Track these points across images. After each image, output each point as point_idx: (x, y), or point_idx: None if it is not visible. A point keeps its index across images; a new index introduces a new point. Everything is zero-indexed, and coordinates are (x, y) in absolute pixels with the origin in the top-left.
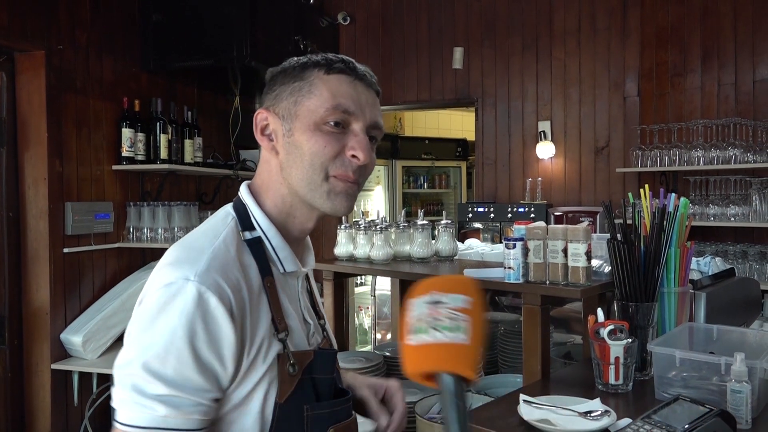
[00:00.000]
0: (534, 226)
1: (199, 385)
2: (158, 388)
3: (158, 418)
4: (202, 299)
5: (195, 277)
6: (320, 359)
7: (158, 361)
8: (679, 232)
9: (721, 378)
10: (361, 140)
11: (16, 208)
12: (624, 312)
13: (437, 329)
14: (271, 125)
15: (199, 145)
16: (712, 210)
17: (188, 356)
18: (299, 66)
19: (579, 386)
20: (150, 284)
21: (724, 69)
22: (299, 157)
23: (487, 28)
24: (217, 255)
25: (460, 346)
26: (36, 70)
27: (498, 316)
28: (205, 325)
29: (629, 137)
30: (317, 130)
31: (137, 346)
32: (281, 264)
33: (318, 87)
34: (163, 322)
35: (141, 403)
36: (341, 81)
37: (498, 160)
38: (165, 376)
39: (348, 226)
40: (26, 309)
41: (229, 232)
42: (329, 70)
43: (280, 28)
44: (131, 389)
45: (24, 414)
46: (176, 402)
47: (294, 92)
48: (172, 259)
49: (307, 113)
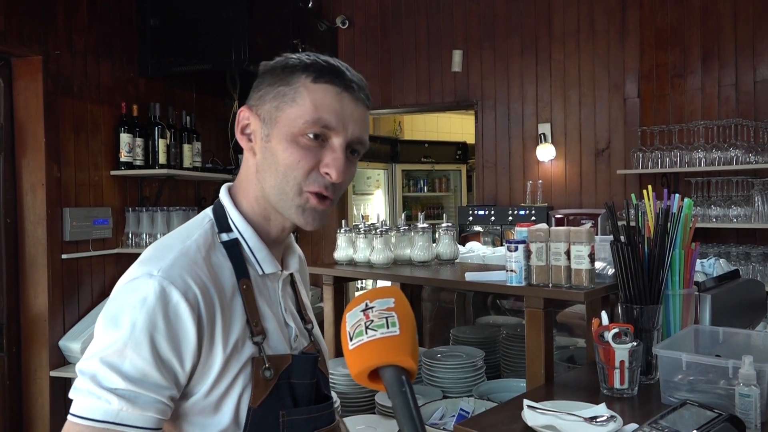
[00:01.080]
0: (536, 228)
1: (156, 381)
2: (116, 381)
3: (112, 412)
4: (164, 293)
5: (158, 272)
6: (299, 364)
7: (117, 355)
8: (683, 234)
9: (728, 381)
10: (337, 158)
11: (14, 214)
12: (628, 315)
13: (371, 329)
14: (252, 125)
15: (198, 149)
16: (714, 211)
17: (147, 351)
18: (288, 68)
19: (584, 391)
20: (119, 281)
21: (724, 69)
22: (273, 165)
23: (485, 30)
24: (185, 254)
25: (394, 338)
26: (33, 75)
27: (500, 319)
28: (166, 321)
29: (630, 139)
30: (294, 142)
31: (99, 339)
32: (259, 266)
33: (302, 95)
34: (124, 316)
35: (96, 394)
36: (326, 92)
37: (498, 163)
38: (123, 369)
39: (348, 230)
40: (24, 316)
41: (203, 233)
42: (317, 78)
43: (279, 32)
44: (89, 379)
45: (23, 421)
46: (132, 397)
47: (278, 97)
48: (142, 258)
49: (286, 121)
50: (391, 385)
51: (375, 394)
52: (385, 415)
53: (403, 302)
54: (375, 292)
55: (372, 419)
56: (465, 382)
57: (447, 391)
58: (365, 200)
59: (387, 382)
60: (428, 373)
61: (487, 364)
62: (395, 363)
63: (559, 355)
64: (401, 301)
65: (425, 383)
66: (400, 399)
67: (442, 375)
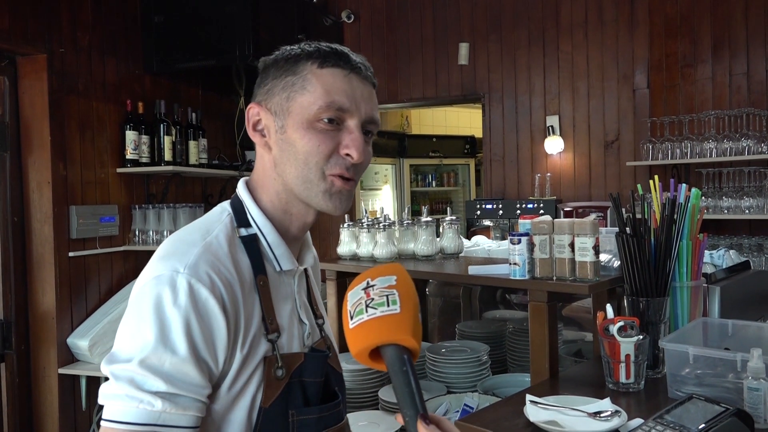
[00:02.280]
0: (539, 221)
1: (195, 380)
2: (157, 383)
3: (155, 414)
4: (193, 291)
5: (185, 269)
6: (311, 362)
7: (155, 357)
8: (690, 224)
9: (737, 375)
10: (355, 138)
11: (21, 213)
12: (634, 308)
13: (372, 307)
14: (263, 121)
15: (204, 146)
16: (726, 202)
17: (185, 350)
18: (292, 58)
19: (589, 385)
20: (140, 278)
21: (735, 58)
22: (293, 155)
23: (492, 22)
24: (208, 249)
25: (394, 316)
26: (38, 73)
27: (506, 313)
28: (199, 318)
29: (639, 130)
30: (310, 128)
31: (131, 342)
32: (277, 262)
33: (311, 82)
34: (156, 316)
35: (137, 397)
36: (335, 75)
37: (506, 157)
38: (162, 370)
39: (351, 225)
40: (32, 314)
41: (223, 228)
42: (323, 63)
43: (284, 27)
44: (127, 384)
45: (32, 419)
46: (173, 398)
47: (286, 87)
48: (162, 253)
49: (299, 110)
50: (391, 364)
51: (378, 390)
52: (388, 410)
53: (406, 280)
54: (377, 270)
55: (375, 415)
56: (470, 377)
57: (451, 386)
58: (374, 195)
59: (388, 361)
60: (433, 368)
61: (494, 359)
62: (395, 341)
63: (566, 349)
64: (403, 278)
65: (429, 378)
66: (400, 378)
67: (446, 370)
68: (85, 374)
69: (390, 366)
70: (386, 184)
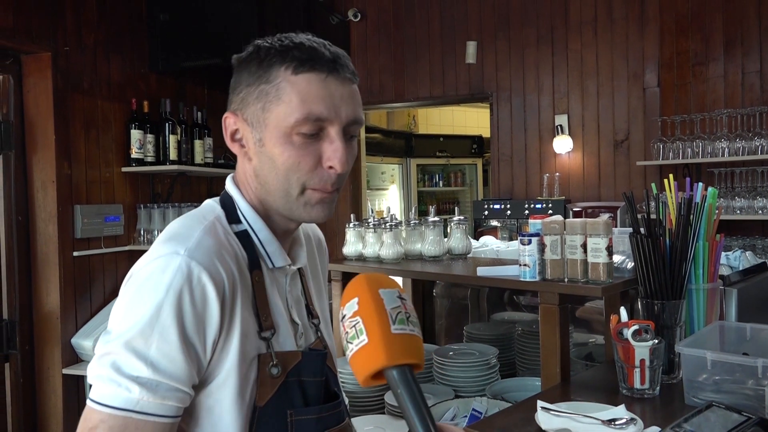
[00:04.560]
0: (550, 221)
1: (180, 368)
2: (138, 367)
3: (132, 400)
4: (191, 274)
5: (185, 251)
6: (308, 361)
7: (142, 339)
8: (707, 225)
9: (757, 382)
10: (337, 148)
11: (25, 212)
12: (649, 311)
13: (349, 341)
14: (241, 131)
15: (210, 145)
16: (739, 203)
17: (174, 334)
18: (264, 62)
19: (602, 391)
20: (140, 260)
21: (748, 56)
22: (273, 169)
23: (500, 20)
24: (209, 234)
25: (365, 348)
26: (42, 72)
27: (515, 315)
28: (193, 303)
29: (650, 129)
30: (288, 143)
31: (122, 321)
32: (269, 259)
33: (286, 92)
34: (149, 297)
35: (117, 381)
36: (311, 81)
37: (514, 156)
38: (147, 355)
39: (357, 225)
40: (37, 314)
41: (218, 219)
42: (297, 69)
43: (290, 25)
44: (110, 366)
45: (36, 419)
46: (153, 385)
47: (261, 97)
48: (164, 237)
49: (276, 121)
50: (391, 387)
51: (384, 394)
52: (394, 415)
53: (365, 297)
54: (345, 294)
55: (381, 419)
56: (478, 381)
57: (459, 390)
58: (380, 195)
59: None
60: (440, 372)
61: (502, 362)
62: (373, 371)
63: (577, 352)
64: (363, 296)
65: (436, 382)
66: (399, 401)
67: (454, 374)
68: None
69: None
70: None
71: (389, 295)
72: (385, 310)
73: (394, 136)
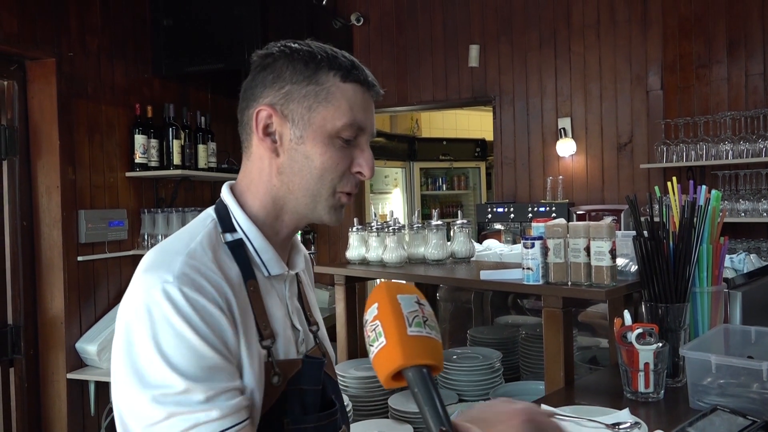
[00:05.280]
0: (554, 224)
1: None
2: (196, 391)
3: (215, 424)
4: (188, 297)
5: (174, 279)
6: (308, 369)
7: (184, 362)
8: (711, 228)
9: (762, 385)
10: (368, 157)
11: (30, 217)
12: (653, 314)
13: (370, 344)
14: (276, 126)
15: (213, 150)
16: (743, 205)
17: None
18: (312, 64)
19: (606, 394)
20: (130, 294)
21: (752, 59)
22: (307, 168)
23: (503, 23)
24: (192, 256)
25: (384, 349)
26: (47, 77)
27: (519, 319)
28: (202, 318)
29: (653, 132)
30: (330, 144)
31: (159, 368)
32: (265, 267)
33: (336, 96)
34: (163, 329)
35: (190, 416)
36: (356, 92)
37: (517, 159)
38: (196, 376)
39: (360, 228)
40: (41, 318)
41: (206, 234)
42: (346, 77)
43: (293, 29)
44: (174, 405)
45: (41, 424)
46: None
47: (308, 96)
48: (146, 266)
49: (322, 122)
50: (410, 387)
51: (388, 398)
52: (398, 419)
53: (384, 302)
54: (368, 301)
55: (385, 423)
56: (482, 385)
57: (463, 394)
58: (383, 199)
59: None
60: (443, 376)
61: (506, 366)
62: (392, 371)
63: (581, 356)
64: (383, 302)
65: (440, 386)
66: (416, 399)
67: (457, 377)
68: (94, 379)
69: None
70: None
71: (407, 300)
72: (402, 314)
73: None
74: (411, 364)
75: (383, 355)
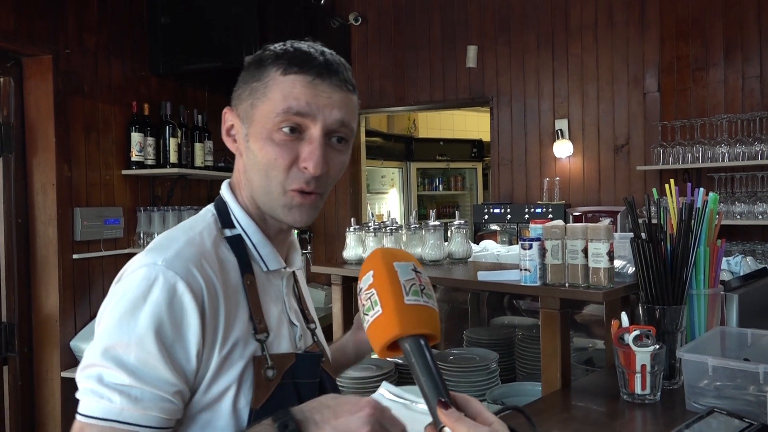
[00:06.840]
0: (551, 225)
1: (162, 376)
2: (119, 376)
3: (114, 410)
4: (168, 284)
5: (163, 262)
6: (303, 363)
7: (121, 348)
8: (708, 230)
9: (758, 387)
10: (314, 149)
11: (25, 215)
12: (650, 316)
13: (365, 313)
14: (235, 126)
15: (210, 148)
16: (739, 208)
17: (152, 343)
18: (261, 63)
19: (602, 396)
20: (125, 267)
21: (748, 61)
22: (256, 166)
23: (501, 25)
24: (191, 243)
25: (379, 318)
26: (43, 74)
27: (515, 320)
28: (171, 312)
29: (650, 134)
30: (269, 139)
31: (103, 332)
32: (263, 262)
33: (272, 90)
34: (127, 307)
35: (99, 392)
36: (296, 82)
37: (514, 160)
38: (127, 363)
39: (357, 228)
40: (36, 316)
41: (207, 226)
42: (286, 70)
43: (291, 29)
44: (92, 378)
45: (34, 422)
46: (135, 394)
47: (252, 94)
48: (147, 248)
49: (260, 119)
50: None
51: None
52: None
53: (380, 271)
54: (362, 268)
55: None
56: (478, 386)
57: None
58: (380, 199)
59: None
60: None
61: (502, 367)
62: (387, 341)
63: (577, 357)
64: (379, 270)
65: None
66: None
67: (454, 378)
68: None
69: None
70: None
71: (404, 267)
72: (399, 282)
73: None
74: (408, 334)
75: (379, 325)
